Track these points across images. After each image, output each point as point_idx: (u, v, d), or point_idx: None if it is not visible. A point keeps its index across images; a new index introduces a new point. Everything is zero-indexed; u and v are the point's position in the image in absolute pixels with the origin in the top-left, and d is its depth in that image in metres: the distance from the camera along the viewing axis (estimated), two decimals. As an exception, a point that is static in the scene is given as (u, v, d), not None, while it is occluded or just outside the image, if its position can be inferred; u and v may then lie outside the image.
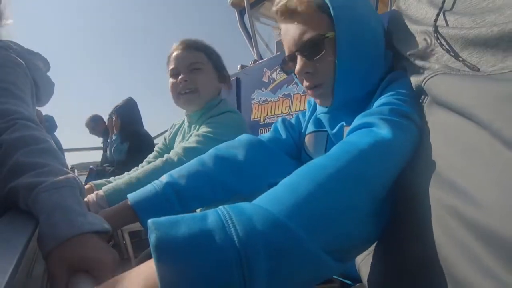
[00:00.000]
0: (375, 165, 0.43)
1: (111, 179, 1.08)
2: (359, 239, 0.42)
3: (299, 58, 0.64)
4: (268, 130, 0.84)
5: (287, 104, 1.74)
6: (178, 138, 1.15)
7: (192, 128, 1.06)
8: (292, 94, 1.71)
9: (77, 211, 0.47)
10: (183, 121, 1.16)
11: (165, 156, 0.87)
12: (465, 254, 0.32)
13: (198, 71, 1.04)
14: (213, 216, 0.35)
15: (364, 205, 0.41)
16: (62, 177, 0.51)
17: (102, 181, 1.04)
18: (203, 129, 0.95)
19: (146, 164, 1.16)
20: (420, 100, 0.52)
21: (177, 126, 1.20)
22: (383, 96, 0.55)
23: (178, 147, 0.89)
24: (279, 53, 2.19)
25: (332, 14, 0.58)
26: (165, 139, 1.22)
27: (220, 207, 0.36)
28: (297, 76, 0.67)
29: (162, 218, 0.34)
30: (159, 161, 0.86)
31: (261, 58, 2.65)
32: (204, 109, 1.05)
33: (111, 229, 0.52)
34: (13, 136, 0.57)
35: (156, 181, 0.66)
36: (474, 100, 0.37)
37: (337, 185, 0.40)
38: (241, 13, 2.96)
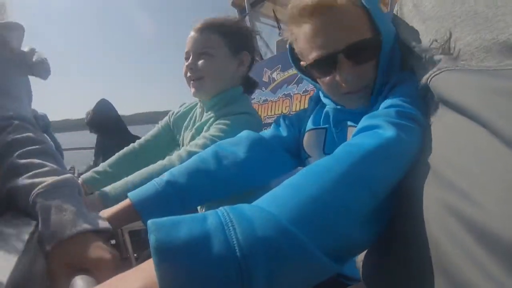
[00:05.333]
0: (380, 167, 0.43)
1: (100, 167, 1.07)
2: (361, 240, 0.42)
3: (343, 61, 0.58)
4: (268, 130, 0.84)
5: (287, 104, 1.74)
6: (187, 122, 1.09)
7: (204, 116, 1.00)
8: (292, 94, 1.71)
9: (77, 211, 0.47)
10: (196, 104, 1.07)
11: (167, 159, 0.83)
12: (465, 254, 0.32)
13: (207, 57, 0.95)
14: (213, 218, 0.34)
15: (367, 207, 0.41)
16: (60, 178, 0.51)
17: (90, 173, 1.02)
18: (214, 130, 0.87)
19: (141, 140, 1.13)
20: (426, 100, 0.51)
21: (188, 107, 1.12)
22: (389, 98, 0.55)
23: (182, 150, 0.85)
24: (279, 52, 2.19)
25: (371, 13, 0.57)
26: (169, 118, 1.16)
27: (221, 208, 0.36)
28: (328, 81, 0.63)
29: (162, 219, 0.33)
30: (158, 165, 0.81)
31: (262, 58, 2.65)
32: (218, 98, 0.97)
33: (111, 228, 0.52)
34: (10, 137, 0.57)
35: (156, 179, 0.66)
36: (476, 97, 0.37)
37: (341, 188, 0.40)
38: (242, 13, 2.97)
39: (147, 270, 0.33)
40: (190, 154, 0.81)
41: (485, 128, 0.35)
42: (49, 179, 0.50)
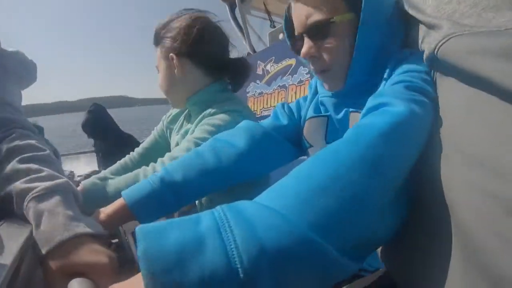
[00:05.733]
0: (396, 146, 0.39)
1: (102, 173, 1.07)
2: (379, 233, 0.39)
3: (305, 40, 0.61)
4: None
5: (282, 95, 1.73)
6: (176, 125, 1.08)
7: (192, 120, 0.97)
8: (287, 85, 1.70)
9: (69, 216, 0.47)
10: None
11: (151, 165, 0.79)
12: (499, 235, 0.29)
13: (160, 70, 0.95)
14: (208, 220, 0.31)
15: (384, 194, 0.37)
16: (54, 182, 0.51)
17: (92, 179, 1.03)
18: (198, 132, 0.84)
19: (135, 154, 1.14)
20: (432, 74, 0.48)
21: (178, 110, 1.10)
22: (394, 75, 0.53)
23: (166, 156, 0.81)
24: (272, 44, 2.18)
25: None
26: (162, 122, 1.14)
27: (218, 207, 0.33)
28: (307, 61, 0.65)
29: (151, 225, 0.31)
30: (141, 171, 0.78)
31: (255, 51, 2.63)
32: (191, 102, 0.94)
33: (105, 233, 0.51)
34: (11, 145, 0.57)
35: (151, 176, 0.64)
36: (492, 63, 0.34)
37: (353, 175, 0.36)
38: (232, 7, 2.94)
39: (136, 285, 0.31)
40: (172, 159, 0.77)
41: (505, 99, 0.32)
42: (43, 184, 0.50)
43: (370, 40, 0.57)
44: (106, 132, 2.72)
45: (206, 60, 0.91)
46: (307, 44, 0.61)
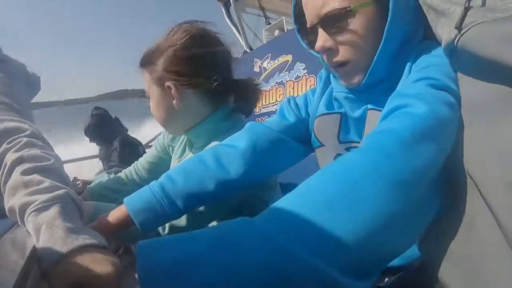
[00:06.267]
0: (418, 156, 0.36)
1: (107, 182, 1.10)
2: (394, 248, 0.36)
3: (320, 32, 0.55)
4: (265, 120, 0.79)
5: (280, 92, 1.74)
6: (176, 149, 1.00)
7: (193, 150, 0.90)
8: (284, 82, 1.71)
9: (68, 228, 0.46)
10: None
11: None
12: None
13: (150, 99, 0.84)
14: (204, 238, 0.32)
15: (403, 208, 0.34)
16: (52, 194, 0.50)
17: (97, 188, 1.06)
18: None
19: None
20: (453, 69, 0.44)
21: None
22: (414, 70, 0.49)
23: None
24: (268, 41, 2.18)
25: None
26: (163, 137, 1.08)
27: (215, 225, 0.34)
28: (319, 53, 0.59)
29: (150, 241, 0.33)
30: None
31: (251, 49, 2.64)
32: (191, 135, 0.86)
33: (106, 244, 0.49)
34: (15, 156, 0.56)
35: (153, 183, 0.63)
36: None
37: (369, 194, 0.33)
38: (227, 6, 2.94)
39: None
40: None
41: None
42: (42, 197, 0.49)
43: (398, 31, 0.51)
44: (110, 137, 2.71)
45: (208, 87, 0.78)
46: (322, 36, 0.55)
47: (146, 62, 0.82)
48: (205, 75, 0.76)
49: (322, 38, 0.55)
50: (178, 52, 0.76)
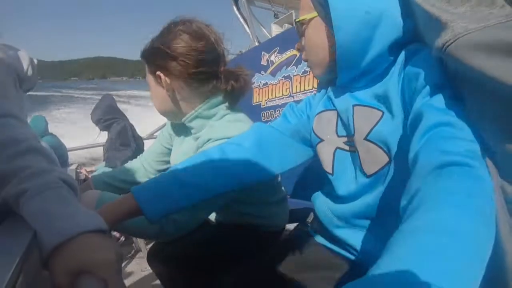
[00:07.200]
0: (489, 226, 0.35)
1: (113, 172, 1.11)
2: None
3: (299, 32, 0.71)
4: (270, 114, 0.84)
5: (287, 86, 1.72)
6: (177, 141, 1.06)
7: (192, 134, 0.97)
8: (292, 76, 1.69)
9: (63, 215, 0.44)
10: None
11: None
12: None
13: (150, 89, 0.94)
14: None
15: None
16: (43, 180, 0.47)
17: (102, 177, 1.06)
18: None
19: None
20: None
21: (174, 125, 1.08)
22: (421, 88, 0.51)
23: None
24: (276, 34, 2.16)
25: None
26: (167, 130, 1.11)
27: None
28: None
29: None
30: None
31: (259, 42, 2.62)
32: (189, 121, 0.93)
33: (107, 228, 0.48)
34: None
35: (161, 174, 0.66)
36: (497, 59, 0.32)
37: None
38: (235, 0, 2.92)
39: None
40: None
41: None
42: (33, 183, 0.46)
43: (350, 36, 0.57)
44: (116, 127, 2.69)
45: (195, 77, 0.87)
46: (300, 36, 0.71)
47: (143, 56, 0.92)
48: (192, 67, 0.85)
49: (299, 41, 0.72)
50: (168, 50, 0.85)
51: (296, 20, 0.69)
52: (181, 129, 1.03)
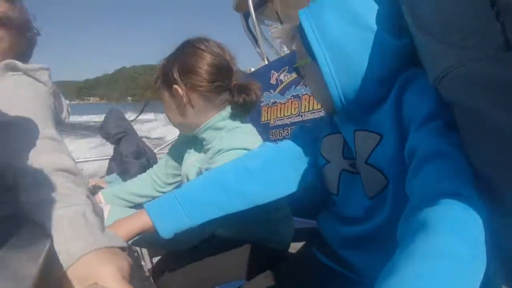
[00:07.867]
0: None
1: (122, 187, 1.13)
2: None
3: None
4: (278, 132, 0.87)
5: (296, 105, 1.74)
6: (188, 151, 1.09)
7: (202, 148, 1.02)
8: (300, 95, 1.71)
9: (92, 226, 0.47)
10: None
11: None
12: None
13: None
14: None
15: None
16: (83, 198, 0.50)
17: (112, 195, 1.09)
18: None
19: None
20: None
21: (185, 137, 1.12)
22: (417, 103, 0.54)
23: None
24: (286, 54, 2.20)
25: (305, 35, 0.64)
26: (176, 143, 1.15)
27: None
28: None
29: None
30: None
31: (269, 61, 2.66)
32: (200, 133, 0.97)
33: (126, 245, 0.51)
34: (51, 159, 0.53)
35: (175, 191, 0.69)
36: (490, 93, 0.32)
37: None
38: (246, 17, 2.98)
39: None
40: None
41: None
42: (70, 199, 0.49)
43: (336, 74, 0.62)
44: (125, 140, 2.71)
45: (209, 90, 0.92)
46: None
47: (161, 71, 0.97)
48: (209, 81, 0.91)
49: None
50: (188, 65, 0.91)
51: (293, 66, 0.74)
52: (191, 141, 1.07)
